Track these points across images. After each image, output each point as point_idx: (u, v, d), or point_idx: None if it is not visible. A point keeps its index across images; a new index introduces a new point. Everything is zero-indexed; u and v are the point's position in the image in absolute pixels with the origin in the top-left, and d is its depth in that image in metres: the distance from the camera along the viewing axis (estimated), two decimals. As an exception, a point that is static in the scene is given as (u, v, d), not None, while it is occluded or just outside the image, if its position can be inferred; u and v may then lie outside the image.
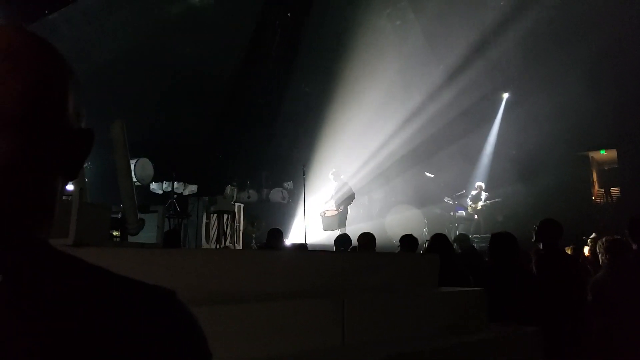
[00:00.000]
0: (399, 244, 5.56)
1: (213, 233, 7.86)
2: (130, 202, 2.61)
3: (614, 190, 12.68)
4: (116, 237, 2.68)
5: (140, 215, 2.79)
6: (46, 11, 9.17)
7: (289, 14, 11.78)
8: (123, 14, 10.61)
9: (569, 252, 5.47)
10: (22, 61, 0.60)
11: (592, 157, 13.19)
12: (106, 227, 2.38)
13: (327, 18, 12.11)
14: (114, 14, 10.47)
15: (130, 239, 2.70)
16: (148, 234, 3.78)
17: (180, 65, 11.30)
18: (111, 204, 2.77)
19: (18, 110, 0.58)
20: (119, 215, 2.69)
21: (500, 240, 3.94)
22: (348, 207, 10.15)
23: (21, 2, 8.60)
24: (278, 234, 6.04)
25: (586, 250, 6.03)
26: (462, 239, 6.84)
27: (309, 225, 9.22)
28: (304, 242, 8.09)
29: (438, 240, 4.32)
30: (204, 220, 7.94)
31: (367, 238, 5.36)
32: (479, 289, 3.41)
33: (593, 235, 6.73)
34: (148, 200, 7.88)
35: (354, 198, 10.28)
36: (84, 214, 2.10)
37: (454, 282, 3.48)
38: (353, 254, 4.96)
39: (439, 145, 12.17)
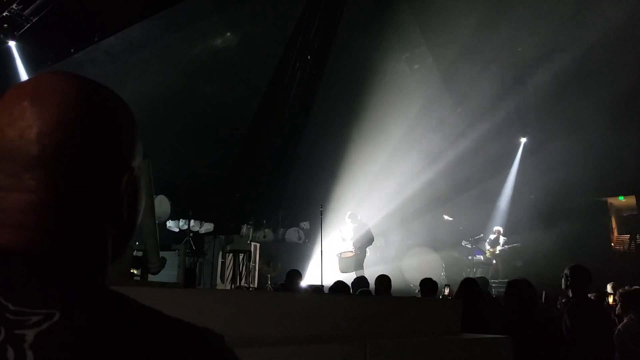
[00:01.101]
0: (418, 287, 5.44)
1: (228, 273, 7.77)
2: (153, 241, 2.59)
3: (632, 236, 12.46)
4: (136, 275, 2.66)
5: (160, 254, 2.77)
6: (72, 50, 9.48)
7: (309, 57, 12.03)
8: (145, 54, 10.93)
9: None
10: (49, 102, 0.63)
11: (610, 203, 13.03)
12: (128, 266, 2.36)
13: (345, 61, 12.35)
14: (135, 53, 10.80)
15: (150, 277, 2.67)
16: (167, 272, 3.75)
17: (199, 104, 11.54)
18: (133, 242, 2.76)
19: (41, 150, 0.61)
20: (141, 254, 2.67)
21: (517, 287, 3.84)
22: (366, 249, 10.01)
23: (48, 41, 8.90)
24: (297, 276, 5.95)
25: (610, 299, 5.87)
26: (483, 283, 6.67)
27: (325, 266, 9.09)
28: (320, 284, 7.95)
29: (468, 285, 4.20)
30: (220, 260, 7.88)
31: (384, 281, 5.25)
32: (503, 336, 3.30)
33: (612, 283, 6.60)
34: (164, 238, 7.88)
35: (373, 240, 10.16)
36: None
37: (480, 329, 3.37)
38: (375, 297, 4.85)
39: (458, 189, 12.11)
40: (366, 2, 12.35)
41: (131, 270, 2.52)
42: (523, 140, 12.80)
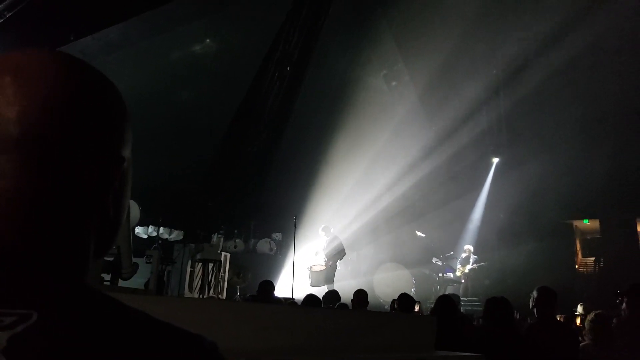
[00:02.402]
0: (388, 304, 5.41)
1: (197, 282, 7.60)
2: (127, 246, 2.48)
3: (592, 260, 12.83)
4: (106, 280, 2.53)
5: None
6: (46, 48, 9.24)
7: (288, 68, 12.04)
8: (121, 56, 10.74)
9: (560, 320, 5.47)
10: (34, 79, 0.57)
11: (576, 225, 13.37)
12: (98, 270, 2.24)
13: (324, 73, 12.42)
14: (111, 55, 10.60)
15: (121, 283, 2.55)
16: (134, 279, 3.61)
17: (175, 109, 11.39)
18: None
19: (22, 132, 0.55)
20: (112, 258, 2.55)
21: (496, 305, 3.87)
22: (337, 263, 9.98)
23: (22, 38, 8.66)
24: (269, 287, 5.84)
25: (578, 320, 6.00)
26: (455, 301, 6.71)
27: (297, 279, 8.99)
28: (291, 296, 7.85)
29: (444, 302, 4.20)
30: (189, 268, 7.69)
31: (361, 296, 5.21)
32: (478, 354, 3.30)
33: (582, 304, 6.75)
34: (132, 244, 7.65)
35: (344, 254, 10.14)
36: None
37: (454, 346, 3.36)
38: (352, 311, 4.79)
39: (431, 205, 12.24)
40: (346, 17, 12.50)
41: (101, 275, 2.40)
42: (495, 160, 13.08)
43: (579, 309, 6.58)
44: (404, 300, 4.98)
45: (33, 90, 0.56)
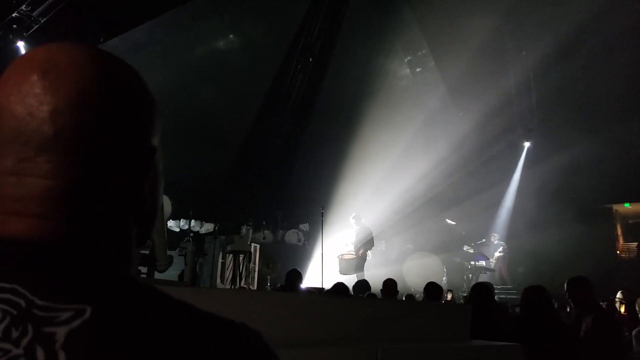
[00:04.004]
0: (419, 293, 5.38)
1: (228, 273, 7.72)
2: (161, 239, 2.53)
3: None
4: (143, 273, 2.59)
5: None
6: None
7: (310, 59, 12.02)
8: (147, 56, 10.91)
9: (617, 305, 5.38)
10: (64, 76, 0.57)
11: (616, 209, 12.94)
12: (135, 263, 2.29)
13: (347, 63, 12.34)
14: (138, 54, 10.77)
15: (157, 275, 2.60)
16: (169, 271, 3.68)
17: (201, 105, 11.51)
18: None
19: (57, 130, 0.56)
20: (147, 251, 2.61)
21: (534, 294, 3.79)
22: (368, 253, 9.96)
23: (53, 40, 8.89)
24: (298, 276, 5.88)
25: (622, 308, 5.82)
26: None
27: (326, 268, 9.02)
28: (320, 286, 7.88)
29: (479, 290, 4.14)
30: (220, 260, 7.82)
31: (391, 285, 5.19)
32: (515, 344, 3.24)
33: (622, 291, 6.56)
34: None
35: (373, 244, 10.12)
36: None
37: (490, 336, 3.30)
38: (383, 301, 4.78)
39: (461, 193, 12.05)
40: (368, 5, 12.36)
41: (138, 268, 2.46)
42: (527, 144, 12.74)
43: (619, 295, 6.40)
44: (432, 289, 4.94)
45: (63, 86, 0.56)
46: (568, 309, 4.76)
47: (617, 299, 6.31)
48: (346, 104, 12.41)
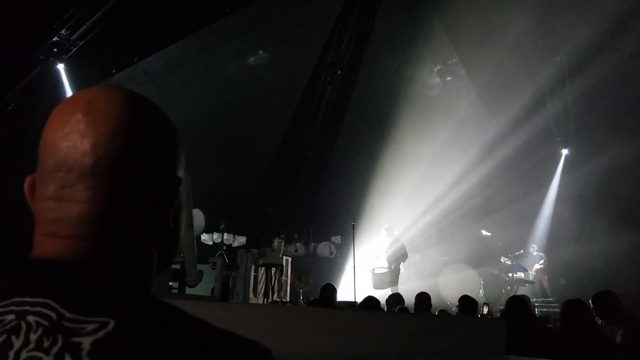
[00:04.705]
0: (455, 306, 5.26)
1: (261, 286, 7.74)
2: (191, 254, 2.56)
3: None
4: (174, 288, 2.62)
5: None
6: (113, 70, 9.83)
7: (339, 72, 12.07)
8: (181, 73, 11.22)
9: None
10: (102, 115, 0.65)
11: (661, 219, 12.30)
12: (166, 278, 2.32)
13: (376, 73, 12.33)
14: (172, 72, 11.09)
15: (188, 290, 2.63)
16: (201, 285, 3.71)
17: (232, 120, 11.71)
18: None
19: (96, 161, 0.63)
20: (178, 267, 2.64)
21: (574, 307, 3.63)
22: (401, 265, 9.82)
23: (93, 63, 9.29)
24: (332, 290, 5.83)
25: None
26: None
27: (358, 281, 8.92)
28: (353, 300, 7.80)
29: (515, 303, 4.00)
30: (252, 273, 7.86)
31: (424, 299, 5.08)
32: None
33: None
34: (198, 251, 7.92)
35: (407, 257, 9.96)
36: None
37: (528, 351, 3.17)
38: (416, 315, 4.69)
39: (496, 203, 11.74)
40: (396, 15, 12.35)
41: (169, 283, 2.49)
42: (564, 151, 12.33)
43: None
44: (466, 303, 4.79)
45: (102, 124, 0.64)
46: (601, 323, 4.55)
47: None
48: (376, 114, 12.39)
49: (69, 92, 9.05)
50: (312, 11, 11.69)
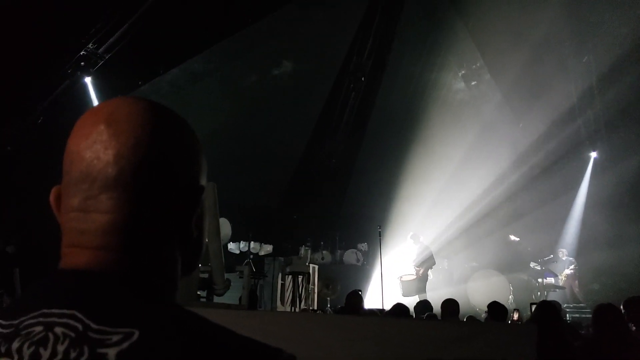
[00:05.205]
0: (485, 311, 5.19)
1: (288, 295, 7.77)
2: (219, 263, 2.61)
3: None
4: (202, 297, 2.67)
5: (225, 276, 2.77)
6: (139, 82, 10.06)
7: (362, 78, 12.09)
8: (205, 84, 11.40)
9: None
10: (124, 126, 0.66)
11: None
12: (194, 287, 2.38)
13: (400, 79, 12.28)
14: (197, 83, 11.28)
15: (216, 298, 2.67)
16: (229, 294, 3.76)
17: (256, 129, 11.83)
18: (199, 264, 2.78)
19: (119, 171, 0.64)
20: (206, 275, 2.69)
21: (605, 312, 3.55)
22: (429, 272, 9.72)
23: (119, 75, 9.55)
24: (358, 297, 5.83)
25: None
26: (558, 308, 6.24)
27: (386, 289, 8.85)
28: (381, 307, 7.75)
29: (545, 308, 3.93)
30: (279, 282, 7.90)
31: (450, 305, 5.02)
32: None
33: None
34: (225, 259, 8.00)
35: (434, 263, 9.86)
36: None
37: (560, 358, 3.12)
38: (444, 322, 4.64)
39: (524, 208, 11.51)
40: (419, 20, 12.31)
41: (197, 292, 2.54)
42: (593, 154, 12.03)
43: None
44: (495, 309, 4.72)
45: (124, 135, 0.65)
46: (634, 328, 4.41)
47: None
48: (400, 120, 12.33)
49: (96, 104, 9.28)
50: (334, 19, 11.75)
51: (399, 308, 5.41)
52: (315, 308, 7.84)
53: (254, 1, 10.39)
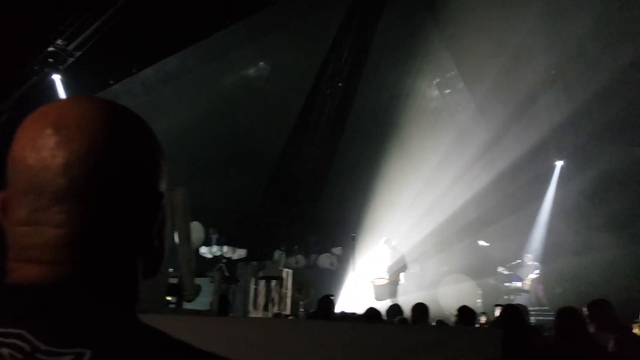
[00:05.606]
0: (455, 315, 5.30)
1: (261, 300, 7.73)
2: (189, 268, 2.59)
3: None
4: (171, 302, 2.64)
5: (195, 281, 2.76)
6: (110, 82, 9.78)
7: (339, 84, 12.15)
8: (179, 85, 11.21)
9: (636, 331, 5.18)
10: (75, 130, 0.60)
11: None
12: (163, 293, 2.35)
13: (376, 85, 12.40)
14: (170, 84, 11.08)
15: (185, 305, 2.65)
16: (200, 299, 3.73)
17: (231, 132, 11.74)
18: (168, 269, 2.75)
19: (69, 181, 0.59)
20: (176, 281, 2.67)
21: (567, 315, 3.68)
22: (400, 276, 9.84)
23: (89, 74, 9.26)
24: (330, 302, 5.86)
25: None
26: (523, 311, 6.41)
27: (359, 293, 8.93)
28: (353, 311, 7.80)
29: (509, 312, 4.03)
30: (252, 286, 7.85)
31: (420, 310, 5.11)
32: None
33: None
34: (197, 264, 7.91)
35: (407, 268, 10.00)
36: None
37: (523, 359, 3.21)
38: (412, 326, 4.72)
39: (493, 214, 11.78)
40: (396, 28, 12.44)
41: (166, 298, 2.52)
42: (559, 163, 12.39)
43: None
44: (464, 313, 4.82)
45: (74, 141, 0.60)
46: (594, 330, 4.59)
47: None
48: (376, 126, 12.43)
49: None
50: (313, 23, 11.78)
51: (372, 312, 5.46)
52: (288, 313, 7.83)
53: (231, 3, 10.30)
